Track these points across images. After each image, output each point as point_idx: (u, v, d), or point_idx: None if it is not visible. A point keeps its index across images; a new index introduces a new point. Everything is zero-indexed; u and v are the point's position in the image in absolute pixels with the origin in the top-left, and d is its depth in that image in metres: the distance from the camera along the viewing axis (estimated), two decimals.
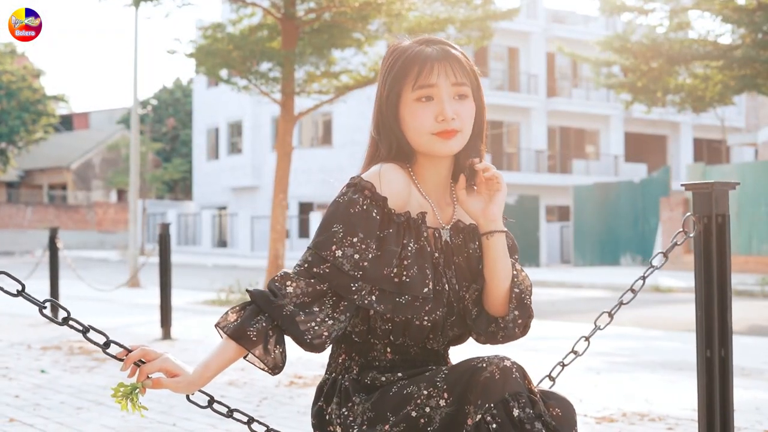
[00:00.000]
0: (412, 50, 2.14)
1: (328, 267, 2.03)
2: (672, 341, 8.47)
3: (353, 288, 2.04)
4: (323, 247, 2.05)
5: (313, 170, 37.17)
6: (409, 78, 2.11)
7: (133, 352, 1.98)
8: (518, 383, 1.93)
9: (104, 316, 9.91)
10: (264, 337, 2.00)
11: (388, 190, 2.09)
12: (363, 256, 2.04)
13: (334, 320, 2.04)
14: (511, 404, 1.90)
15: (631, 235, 27.10)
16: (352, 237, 2.04)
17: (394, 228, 2.08)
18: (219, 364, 2.01)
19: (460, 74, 2.13)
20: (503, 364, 1.95)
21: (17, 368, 6.24)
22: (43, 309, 1.99)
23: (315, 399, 2.21)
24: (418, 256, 2.10)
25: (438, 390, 2.00)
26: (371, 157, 2.21)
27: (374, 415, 2.05)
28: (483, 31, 14.63)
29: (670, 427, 4.24)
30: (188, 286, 16.98)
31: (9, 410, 4.69)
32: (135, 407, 1.98)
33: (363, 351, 2.16)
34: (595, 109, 40.91)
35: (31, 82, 47.41)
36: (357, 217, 2.05)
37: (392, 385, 2.08)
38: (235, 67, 13.86)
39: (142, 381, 1.97)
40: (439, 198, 2.20)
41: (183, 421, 4.38)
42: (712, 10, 18.58)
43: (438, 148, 2.11)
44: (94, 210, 50.61)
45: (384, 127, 2.16)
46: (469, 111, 2.14)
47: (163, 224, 8.23)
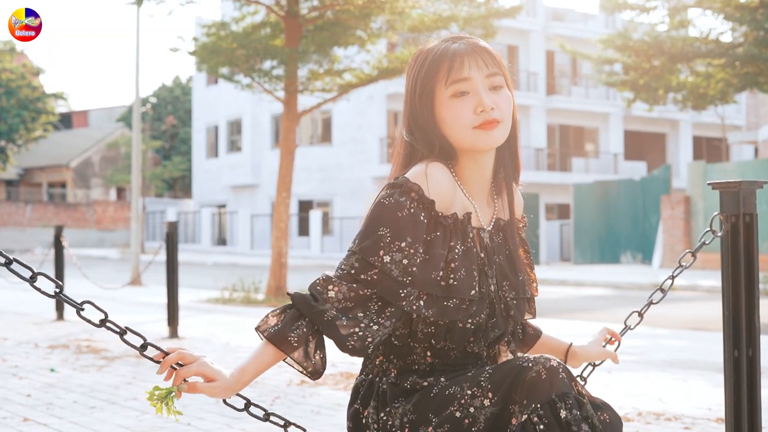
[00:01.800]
0: (438, 48, 2.12)
1: (376, 273, 1.99)
2: (679, 340, 8.47)
3: (402, 294, 2.00)
4: (370, 252, 2.00)
5: (312, 168, 37.14)
6: (441, 75, 2.08)
7: (170, 355, 1.94)
8: (565, 384, 1.91)
9: (111, 314, 9.86)
10: (304, 342, 1.97)
11: (435, 191, 2.05)
12: (412, 261, 2.00)
13: (379, 326, 1.99)
14: (558, 405, 1.88)
15: (631, 234, 27.08)
16: (400, 242, 2.00)
17: (442, 231, 2.05)
18: (257, 368, 1.98)
19: (492, 65, 2.10)
20: (550, 364, 1.93)
21: (26, 367, 6.23)
22: (81, 310, 1.96)
23: (351, 401, 2.17)
24: (465, 258, 2.07)
25: (482, 390, 1.97)
26: (408, 158, 2.15)
27: (416, 418, 2.02)
28: (486, 29, 14.59)
29: (687, 426, 4.23)
30: (189, 284, 16.95)
31: (22, 409, 4.67)
32: (170, 411, 1.95)
33: (402, 354, 2.12)
34: (594, 107, 40.91)
35: (31, 80, 47.35)
36: (405, 221, 2.01)
37: (433, 387, 2.05)
38: (239, 65, 13.84)
39: (178, 384, 1.94)
40: (481, 197, 2.17)
41: (198, 421, 4.36)
42: (714, 8, 18.56)
43: (483, 141, 2.07)
44: (93, 208, 50.56)
45: (420, 130, 2.12)
46: (507, 100, 2.11)
47: (170, 223, 8.22)
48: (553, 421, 1.87)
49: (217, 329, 8.90)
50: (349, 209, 36.47)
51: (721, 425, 4.25)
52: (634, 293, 16.47)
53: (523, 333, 2.42)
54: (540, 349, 2.45)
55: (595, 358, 2.50)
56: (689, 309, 12.45)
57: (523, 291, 2.21)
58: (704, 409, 4.68)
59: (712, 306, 12.78)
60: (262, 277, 15.80)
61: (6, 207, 48.63)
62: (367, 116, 36.36)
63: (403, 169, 2.14)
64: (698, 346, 7.87)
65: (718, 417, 4.43)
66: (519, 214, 2.29)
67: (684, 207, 23.32)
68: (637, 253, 26.75)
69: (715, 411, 4.64)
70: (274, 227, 13.67)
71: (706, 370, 6.25)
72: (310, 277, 19.02)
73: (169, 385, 1.95)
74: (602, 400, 2.00)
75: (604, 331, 2.55)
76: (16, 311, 10.78)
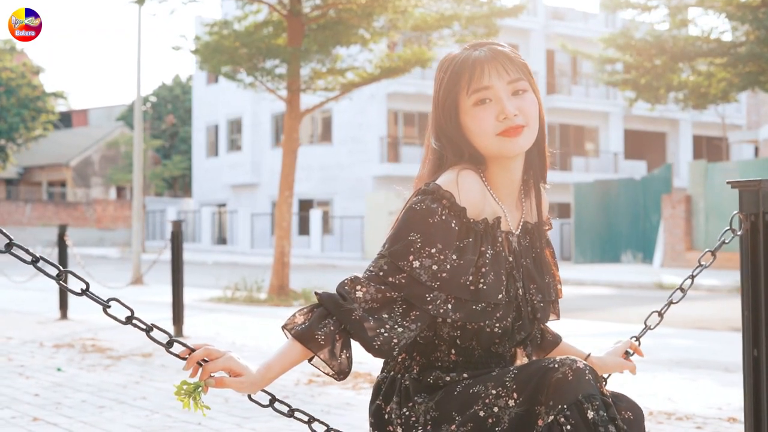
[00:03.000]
0: (460, 57, 2.12)
1: (404, 277, 2.00)
2: (684, 339, 8.46)
3: (428, 298, 2.01)
4: (400, 256, 2.01)
5: (312, 167, 37.11)
6: (462, 84, 2.09)
7: (197, 351, 1.94)
8: (591, 385, 1.91)
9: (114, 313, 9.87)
10: (331, 341, 1.98)
11: (467, 199, 2.05)
12: (441, 267, 2.01)
13: (404, 328, 2.00)
14: (585, 406, 1.88)
15: (631, 233, 27.05)
16: (431, 248, 2.00)
17: (473, 237, 2.06)
18: (283, 365, 1.98)
19: (513, 70, 2.10)
20: (576, 366, 1.92)
21: (33, 366, 6.22)
22: (107, 308, 1.95)
23: (372, 398, 2.18)
24: (494, 262, 2.08)
25: (507, 390, 1.97)
26: (437, 164, 2.15)
27: (438, 415, 2.02)
28: (488, 28, 14.59)
29: (699, 426, 4.22)
30: (190, 283, 16.90)
31: (31, 409, 4.66)
32: (197, 406, 1.95)
33: (425, 351, 2.13)
34: (594, 106, 40.90)
35: (31, 79, 47.32)
36: (436, 228, 2.01)
37: (456, 384, 2.06)
38: (241, 64, 13.82)
39: (204, 380, 1.94)
40: (510, 201, 2.18)
41: (208, 420, 4.35)
42: (715, 7, 18.55)
43: (507, 148, 2.08)
44: (93, 207, 50.53)
45: (447, 138, 2.13)
46: (531, 104, 2.10)
47: (175, 222, 8.20)
48: (580, 422, 1.86)
49: (222, 328, 8.89)
50: (349, 208, 36.45)
51: (733, 424, 4.24)
52: (636, 292, 16.46)
53: (541, 338, 2.42)
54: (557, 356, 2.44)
55: (612, 370, 2.48)
56: (691, 308, 12.44)
57: (549, 294, 2.21)
58: (715, 409, 4.67)
59: (714, 305, 12.78)
60: (264, 276, 15.78)
61: (6, 206, 48.59)
62: (367, 115, 36.33)
63: (433, 176, 2.14)
64: (704, 346, 7.86)
65: (729, 416, 4.42)
66: (545, 216, 2.29)
67: (685, 206, 23.31)
68: (638, 252, 26.73)
69: (725, 410, 4.63)
70: (277, 226, 13.66)
71: (713, 370, 6.24)
72: (310, 276, 19.01)
73: (195, 380, 1.95)
74: (624, 396, 2.02)
75: (626, 343, 2.52)
76: (19, 310, 10.77)
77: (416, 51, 14.42)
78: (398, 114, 37.39)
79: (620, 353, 2.50)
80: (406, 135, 37.71)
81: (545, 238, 2.27)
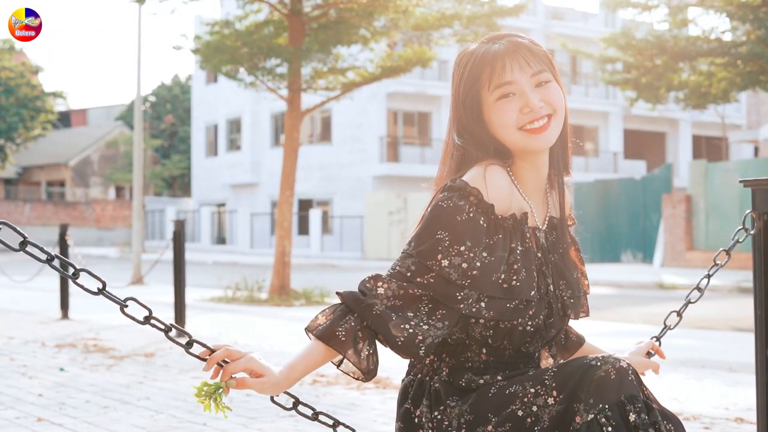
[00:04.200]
0: (478, 51, 2.08)
1: (433, 277, 1.96)
2: (687, 339, 8.44)
3: (459, 297, 1.96)
4: (428, 255, 1.96)
5: (312, 167, 37.09)
6: (484, 79, 2.05)
7: (217, 352, 1.91)
8: (634, 386, 1.87)
9: (116, 312, 9.85)
10: (353, 337, 1.93)
11: (494, 195, 2.01)
12: (471, 265, 1.97)
13: (429, 326, 1.95)
14: (627, 407, 1.84)
15: (631, 233, 27.05)
16: (459, 246, 1.96)
17: (503, 233, 2.02)
18: (306, 366, 1.95)
19: (535, 62, 2.06)
20: (619, 365, 1.88)
21: (35, 366, 6.19)
22: (124, 308, 1.93)
23: (400, 401, 2.12)
24: (525, 258, 2.05)
25: (546, 388, 1.93)
26: (460, 161, 2.10)
27: (473, 418, 1.97)
28: (489, 28, 14.56)
29: (707, 426, 4.20)
30: (190, 283, 16.88)
31: (35, 409, 4.64)
32: (218, 407, 1.92)
33: (455, 352, 2.08)
34: (594, 106, 40.91)
35: (30, 78, 47.25)
36: (464, 225, 1.97)
37: (490, 386, 2.00)
38: (243, 64, 13.80)
39: (225, 381, 1.91)
40: (537, 196, 2.15)
41: (213, 421, 4.33)
42: (716, 6, 18.53)
43: (533, 143, 2.05)
44: (92, 207, 50.49)
45: (471, 134, 2.09)
46: (557, 93, 2.07)
47: (177, 221, 8.17)
48: (621, 423, 1.82)
49: (224, 328, 8.88)
50: (348, 208, 36.43)
51: (740, 425, 4.22)
52: (637, 292, 16.44)
53: (565, 338, 2.37)
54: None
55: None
56: (693, 308, 12.36)
57: (579, 289, 2.18)
58: (721, 409, 4.65)
59: (715, 305, 12.77)
60: (263, 275, 15.76)
61: (5, 206, 48.54)
62: (367, 115, 36.31)
63: (456, 173, 2.09)
64: (708, 346, 7.85)
65: (737, 416, 4.41)
66: (568, 212, 2.27)
67: (685, 206, 23.29)
68: (638, 252, 26.72)
69: (732, 410, 4.61)
70: (278, 226, 13.63)
71: (718, 369, 6.23)
72: (311, 276, 18.99)
73: (217, 381, 1.93)
74: (669, 411, 1.96)
75: (648, 344, 2.50)
76: (20, 310, 10.74)
77: (417, 50, 14.40)
78: (398, 114, 37.37)
79: (642, 353, 2.48)
80: (405, 135, 37.69)
81: (570, 234, 2.24)
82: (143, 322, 1.95)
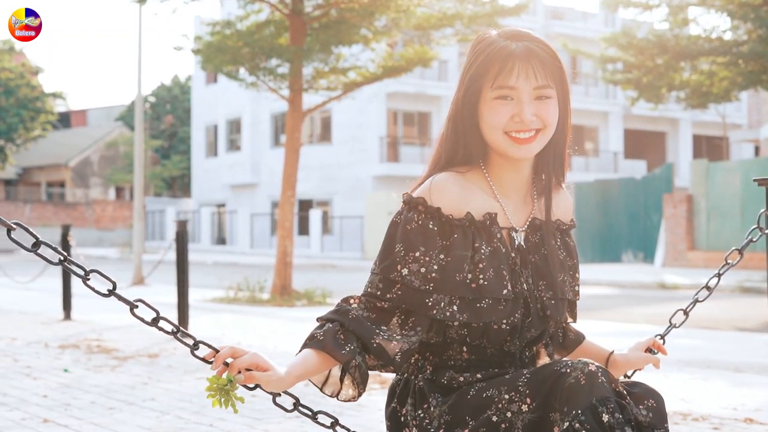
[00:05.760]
0: (495, 45, 2.09)
1: (400, 289, 2.03)
2: (691, 339, 8.42)
3: (429, 303, 2.03)
4: (390, 269, 2.05)
5: (312, 167, 37.07)
6: (489, 76, 2.08)
7: (223, 351, 1.93)
8: (605, 387, 1.88)
9: (119, 313, 9.83)
10: (332, 334, 1.99)
11: (439, 199, 2.07)
12: (429, 268, 2.03)
13: (402, 336, 2.03)
14: (599, 410, 1.85)
15: (632, 232, 27.03)
16: (414, 252, 2.04)
17: (459, 232, 2.07)
18: (306, 367, 1.99)
19: (543, 75, 2.08)
20: (588, 369, 1.90)
21: (39, 367, 6.17)
22: (134, 309, 1.92)
23: (388, 400, 2.18)
24: (492, 257, 2.07)
25: (520, 395, 1.95)
26: (434, 164, 2.19)
27: (452, 419, 2.02)
28: (490, 27, 14.53)
29: (716, 427, 4.19)
30: (191, 283, 16.84)
31: (40, 410, 4.62)
32: (230, 399, 1.91)
33: (438, 351, 2.13)
34: (594, 106, 40.90)
35: (30, 79, 47.25)
36: (414, 233, 2.05)
37: (470, 387, 2.04)
38: (244, 64, 13.78)
39: (234, 375, 1.91)
40: (517, 197, 2.18)
41: (219, 422, 4.32)
42: (717, 6, 18.52)
43: (513, 151, 2.09)
44: (92, 207, 50.48)
45: (460, 122, 2.13)
46: (552, 110, 2.10)
47: (180, 222, 8.15)
48: (595, 426, 1.84)
49: (226, 329, 8.86)
50: (349, 208, 36.41)
51: (750, 425, 4.21)
52: (638, 292, 16.43)
53: (563, 337, 2.39)
54: (580, 355, 2.42)
55: (635, 366, 2.44)
56: (697, 308, 12.38)
57: (562, 292, 2.18)
58: (730, 409, 4.64)
59: (718, 305, 12.75)
60: (264, 276, 15.74)
61: (5, 206, 48.52)
62: (367, 115, 36.29)
63: (428, 174, 2.18)
64: (713, 346, 7.83)
65: (746, 417, 4.39)
66: (566, 216, 2.28)
67: (686, 206, 23.28)
68: (639, 252, 26.70)
69: (740, 411, 4.60)
70: (279, 226, 13.61)
71: (724, 370, 6.21)
72: (312, 276, 18.98)
73: (227, 375, 1.92)
74: (642, 384, 2.00)
75: (648, 340, 2.48)
76: (23, 310, 10.73)
77: (418, 50, 14.38)
78: (398, 114, 37.35)
79: (642, 349, 2.45)
80: (405, 135, 37.68)
81: (562, 239, 2.25)
82: (151, 324, 1.95)
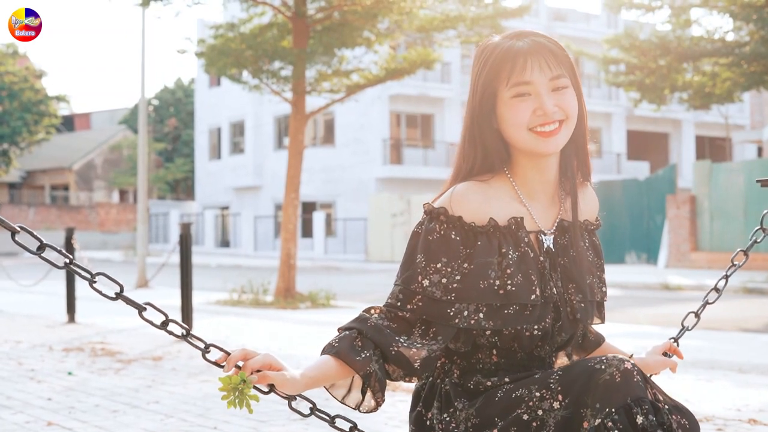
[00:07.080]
0: (502, 46, 2.08)
1: (421, 300, 2.01)
2: (694, 339, 8.41)
3: (451, 313, 2.01)
4: (411, 281, 2.03)
5: (315, 169, 37.09)
6: (502, 76, 2.05)
7: (235, 353, 1.91)
8: (641, 387, 1.84)
9: (122, 315, 9.84)
10: (349, 343, 1.98)
11: (460, 208, 2.04)
12: (451, 279, 2.01)
13: (423, 344, 2.01)
14: (634, 410, 1.81)
15: (635, 234, 27.02)
16: (436, 263, 2.02)
17: (483, 239, 2.03)
18: (320, 369, 1.97)
19: (556, 66, 2.06)
20: (624, 366, 1.85)
21: (43, 370, 6.18)
22: (143, 311, 1.92)
23: (412, 404, 2.15)
24: (520, 262, 2.04)
25: (551, 392, 1.91)
26: (455, 175, 2.15)
27: (480, 422, 1.98)
28: (493, 29, 14.53)
29: (720, 428, 4.19)
30: (195, 286, 16.84)
31: (45, 413, 4.63)
32: (244, 399, 1.89)
33: (466, 355, 2.09)
34: (597, 107, 40.87)
35: (33, 82, 47.27)
36: (436, 244, 2.02)
37: (497, 389, 2.00)
38: (247, 67, 13.79)
39: (248, 376, 1.90)
40: (543, 199, 2.14)
41: (223, 424, 4.32)
42: (719, 7, 18.51)
43: (541, 146, 2.06)
44: (96, 210, 50.52)
45: (478, 129, 2.09)
46: (571, 99, 2.07)
47: (184, 224, 8.16)
48: (628, 426, 1.80)
49: (230, 331, 8.86)
50: (352, 210, 36.41)
51: (754, 426, 4.20)
52: (642, 293, 16.41)
53: (583, 338, 2.35)
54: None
55: (654, 370, 2.43)
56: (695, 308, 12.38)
57: (592, 294, 2.16)
58: (734, 410, 4.63)
59: (722, 306, 12.73)
60: (268, 278, 15.73)
61: (9, 209, 48.57)
62: (369, 117, 36.30)
63: (451, 184, 2.15)
64: (717, 346, 7.82)
65: (750, 418, 4.39)
66: (592, 215, 2.26)
67: (690, 206, 23.27)
68: (642, 253, 26.69)
69: (744, 411, 4.60)
70: (283, 228, 13.61)
71: (728, 371, 6.20)
72: (315, 278, 18.97)
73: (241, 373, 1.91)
74: (679, 403, 1.94)
75: (665, 344, 2.48)
76: (27, 314, 10.74)
77: (421, 52, 14.39)
78: (401, 116, 37.35)
79: (659, 353, 2.46)
80: (408, 137, 37.68)
81: (589, 239, 2.22)
82: (160, 327, 1.94)
